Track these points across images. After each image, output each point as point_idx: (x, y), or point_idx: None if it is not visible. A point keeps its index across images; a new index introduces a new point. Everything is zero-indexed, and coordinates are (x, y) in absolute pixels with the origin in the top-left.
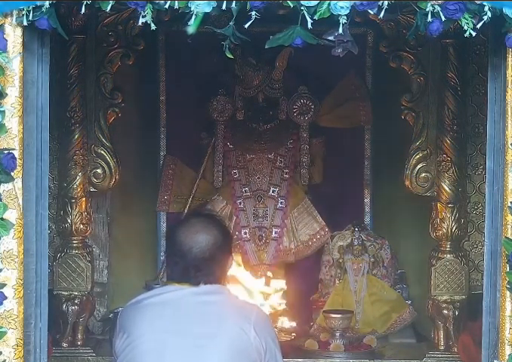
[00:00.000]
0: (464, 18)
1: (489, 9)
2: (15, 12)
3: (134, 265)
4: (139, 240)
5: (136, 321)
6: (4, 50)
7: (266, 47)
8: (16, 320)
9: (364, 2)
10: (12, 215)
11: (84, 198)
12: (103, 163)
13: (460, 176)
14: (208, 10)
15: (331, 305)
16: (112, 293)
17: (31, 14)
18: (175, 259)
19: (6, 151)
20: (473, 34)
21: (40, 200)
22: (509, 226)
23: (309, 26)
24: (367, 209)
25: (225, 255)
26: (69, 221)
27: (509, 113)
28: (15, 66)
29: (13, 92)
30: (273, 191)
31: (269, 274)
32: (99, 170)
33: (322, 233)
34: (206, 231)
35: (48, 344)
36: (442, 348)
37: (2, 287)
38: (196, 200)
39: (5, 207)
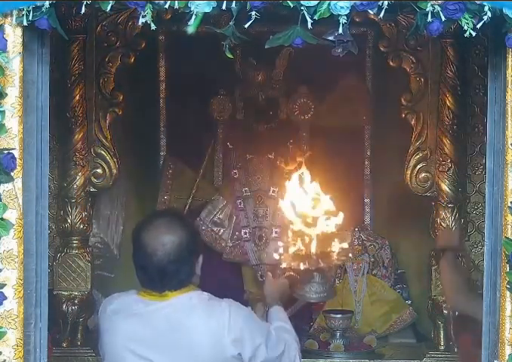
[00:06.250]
0: (464, 18)
1: (489, 9)
2: (15, 12)
3: None
4: None
5: (111, 338)
6: (4, 50)
7: (266, 47)
8: (16, 320)
9: (364, 2)
10: (12, 215)
11: (84, 198)
12: (103, 163)
13: (460, 176)
14: (208, 10)
15: (331, 305)
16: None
17: (31, 14)
18: (140, 264)
19: (6, 151)
20: (473, 34)
21: (40, 200)
22: (509, 226)
23: (310, 26)
24: (367, 209)
25: (192, 255)
26: (69, 221)
27: (509, 113)
28: (15, 66)
29: (13, 92)
30: (273, 191)
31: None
32: (99, 170)
33: None
34: (170, 232)
35: (48, 344)
36: (442, 348)
37: (2, 287)
38: (196, 200)
39: (5, 207)
